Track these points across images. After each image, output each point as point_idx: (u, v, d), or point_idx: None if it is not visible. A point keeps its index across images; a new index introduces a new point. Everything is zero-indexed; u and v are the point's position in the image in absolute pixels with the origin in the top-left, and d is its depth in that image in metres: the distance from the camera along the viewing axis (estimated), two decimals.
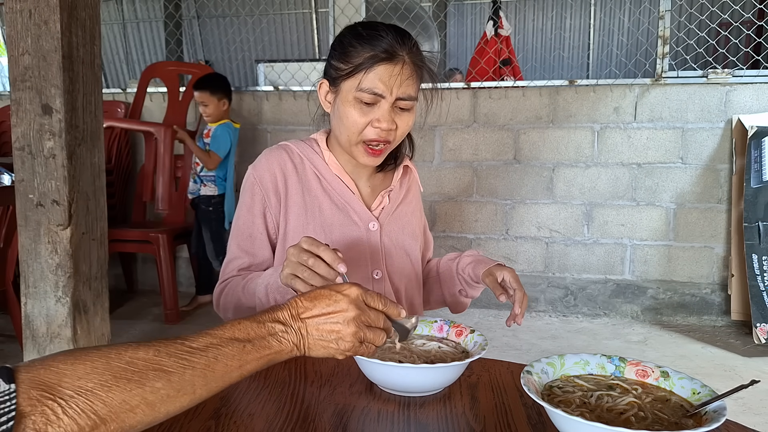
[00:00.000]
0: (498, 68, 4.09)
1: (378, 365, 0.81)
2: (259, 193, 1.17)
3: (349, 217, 1.17)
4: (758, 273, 3.04)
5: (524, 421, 0.77)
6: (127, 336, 3.12)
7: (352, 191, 1.18)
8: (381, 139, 1.08)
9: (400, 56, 1.05)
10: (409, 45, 1.08)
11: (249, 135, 3.85)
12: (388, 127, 1.07)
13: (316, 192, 1.17)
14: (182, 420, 0.76)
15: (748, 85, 3.24)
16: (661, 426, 0.68)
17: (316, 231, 1.14)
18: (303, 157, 1.19)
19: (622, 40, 7.39)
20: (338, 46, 1.11)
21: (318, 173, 1.18)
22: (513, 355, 2.87)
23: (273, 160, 1.18)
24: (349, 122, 1.08)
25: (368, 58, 1.04)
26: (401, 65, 1.05)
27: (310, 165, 1.19)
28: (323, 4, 6.97)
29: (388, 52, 1.04)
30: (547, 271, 3.60)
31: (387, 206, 1.22)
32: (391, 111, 1.07)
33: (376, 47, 1.05)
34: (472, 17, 8.31)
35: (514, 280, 1.08)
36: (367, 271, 1.17)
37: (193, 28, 8.61)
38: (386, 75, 1.04)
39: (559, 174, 3.52)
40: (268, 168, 1.18)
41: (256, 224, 1.16)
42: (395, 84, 1.05)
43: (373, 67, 1.04)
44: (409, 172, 1.30)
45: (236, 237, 1.18)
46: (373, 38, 1.06)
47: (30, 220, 2.02)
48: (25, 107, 1.97)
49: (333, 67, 1.11)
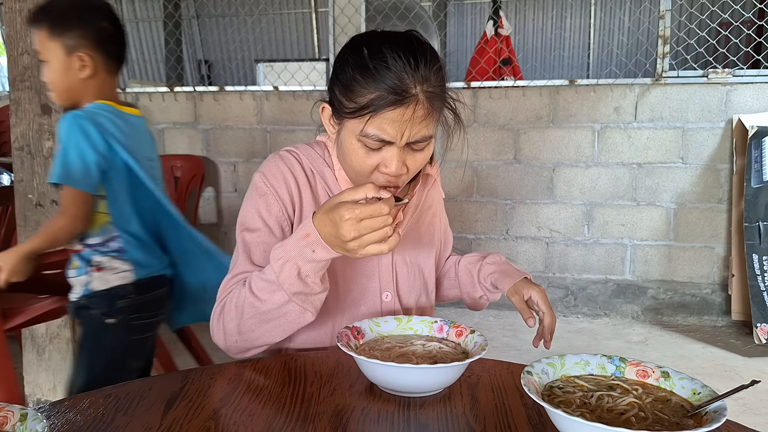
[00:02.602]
0: (498, 68, 4.09)
1: (378, 365, 0.81)
2: (275, 204, 1.03)
3: None
4: (758, 273, 3.03)
5: (524, 422, 0.77)
6: None
7: None
8: (390, 184, 0.97)
9: (412, 95, 0.90)
10: (424, 74, 0.91)
11: (249, 135, 3.86)
12: (397, 173, 0.95)
13: None
14: (182, 420, 0.76)
15: (749, 85, 3.24)
16: (662, 426, 0.68)
17: None
18: (315, 171, 1.08)
19: (622, 40, 7.38)
20: (341, 74, 0.96)
21: (328, 188, 1.08)
22: (513, 356, 2.87)
23: (283, 165, 1.06)
24: (355, 162, 0.97)
25: (374, 99, 0.90)
26: (413, 106, 0.91)
27: (321, 180, 1.08)
28: (323, 4, 6.97)
29: (396, 92, 0.89)
30: (547, 271, 3.60)
31: (401, 222, 1.12)
32: (402, 152, 0.95)
33: (383, 85, 0.90)
34: (472, 17, 8.31)
35: (542, 301, 1.05)
36: (376, 293, 1.11)
37: (192, 27, 8.61)
38: (395, 120, 0.91)
39: (559, 174, 3.52)
40: (281, 175, 1.05)
41: (275, 236, 1.03)
42: (406, 129, 0.92)
43: (380, 112, 0.90)
44: (430, 180, 1.18)
45: (247, 251, 1.02)
46: (380, 72, 0.90)
47: (29, 220, 2.01)
48: (24, 107, 1.97)
49: (336, 98, 0.97)
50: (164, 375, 0.92)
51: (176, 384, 0.87)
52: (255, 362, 0.97)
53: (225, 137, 3.89)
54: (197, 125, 3.92)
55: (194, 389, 0.85)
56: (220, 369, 0.94)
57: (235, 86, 3.84)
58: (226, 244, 3.95)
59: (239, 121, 3.85)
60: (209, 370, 0.94)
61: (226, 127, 3.88)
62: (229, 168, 3.91)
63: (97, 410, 0.79)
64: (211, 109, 3.88)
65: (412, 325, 1.00)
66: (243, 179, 3.88)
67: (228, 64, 7.88)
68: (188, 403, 0.81)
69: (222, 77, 8.51)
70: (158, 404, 0.80)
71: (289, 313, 0.92)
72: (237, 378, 0.90)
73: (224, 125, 3.88)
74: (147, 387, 0.86)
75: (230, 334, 0.97)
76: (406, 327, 1.00)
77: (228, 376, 0.91)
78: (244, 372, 0.93)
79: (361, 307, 1.11)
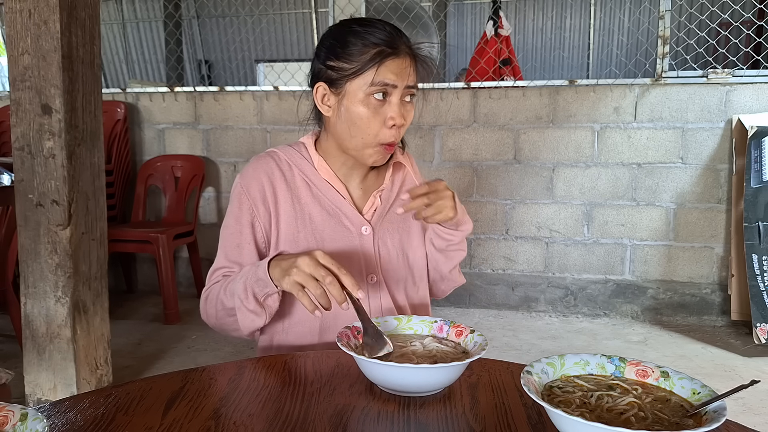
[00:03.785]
0: (498, 68, 4.09)
1: (378, 365, 0.81)
2: (246, 203, 1.14)
3: (340, 223, 1.16)
4: (758, 273, 3.03)
5: (524, 422, 0.77)
6: (127, 336, 3.12)
7: (342, 196, 1.17)
8: (394, 139, 1.09)
9: (403, 49, 1.08)
10: (404, 35, 1.10)
11: (249, 135, 3.86)
12: (401, 122, 1.08)
13: (306, 199, 1.16)
14: (182, 420, 0.76)
15: (748, 85, 3.24)
16: (661, 426, 0.68)
17: (307, 239, 1.14)
18: (291, 164, 1.17)
19: (622, 40, 7.39)
20: (334, 45, 1.09)
21: (307, 179, 1.17)
22: (513, 355, 2.87)
23: (260, 168, 1.16)
24: (363, 123, 1.07)
25: (376, 53, 1.05)
26: (405, 57, 1.07)
27: (298, 171, 1.17)
28: (323, 4, 6.97)
29: (392, 46, 1.06)
30: (547, 271, 3.60)
31: (379, 208, 1.20)
32: (400, 105, 1.08)
33: (379, 41, 1.06)
34: (472, 17, 8.31)
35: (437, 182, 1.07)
36: (361, 276, 1.16)
37: (192, 27, 8.61)
38: (396, 67, 1.06)
39: (559, 174, 3.52)
40: (255, 177, 1.15)
41: (244, 234, 1.14)
42: (405, 74, 1.07)
43: (384, 61, 1.05)
44: (401, 167, 1.27)
45: (224, 247, 1.16)
46: (373, 34, 1.06)
47: (30, 220, 2.02)
48: (24, 107, 1.97)
49: (332, 68, 1.08)
50: (164, 375, 0.92)
51: (176, 384, 0.87)
52: (255, 362, 0.97)
53: (225, 137, 3.89)
54: (197, 125, 3.92)
55: (194, 389, 0.86)
56: (220, 369, 0.94)
57: (236, 86, 3.84)
58: None
59: (239, 121, 3.85)
60: (209, 370, 0.94)
61: (226, 127, 3.88)
62: (229, 168, 3.91)
63: (97, 410, 0.79)
64: (211, 109, 3.89)
65: (412, 325, 1.00)
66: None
67: (228, 64, 7.88)
68: (188, 403, 0.81)
69: (222, 77, 8.52)
70: (158, 404, 0.80)
71: (241, 313, 1.07)
72: (237, 378, 0.91)
73: (224, 125, 3.88)
74: (147, 387, 0.86)
75: (211, 318, 1.15)
76: (406, 327, 1.00)
77: (228, 376, 0.91)
78: (244, 372, 0.93)
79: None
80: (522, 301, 3.65)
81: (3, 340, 3.06)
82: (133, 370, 2.70)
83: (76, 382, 2.07)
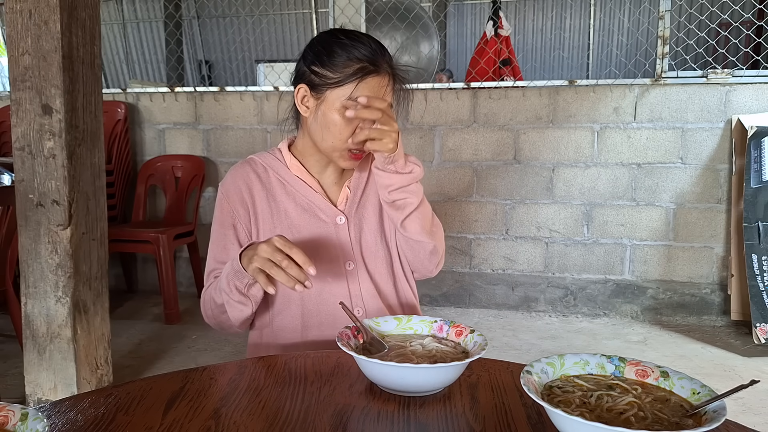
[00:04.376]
0: (498, 68, 4.10)
1: (378, 365, 0.81)
2: (226, 207, 1.23)
3: (315, 216, 1.22)
4: (758, 273, 3.04)
5: (524, 421, 0.77)
6: (127, 336, 3.13)
7: (315, 190, 1.23)
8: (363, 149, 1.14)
9: (384, 68, 1.13)
10: (387, 54, 1.16)
11: (249, 135, 3.86)
12: None
13: (281, 197, 1.23)
14: (182, 420, 0.76)
15: (748, 85, 3.24)
16: (661, 426, 0.68)
17: (284, 234, 1.17)
18: (266, 166, 1.25)
19: (621, 40, 7.39)
20: (321, 52, 1.15)
21: (281, 178, 1.24)
22: (513, 355, 2.87)
23: (237, 174, 1.25)
24: (336, 129, 1.13)
25: (359, 69, 1.11)
26: (385, 76, 1.13)
27: (273, 172, 1.24)
28: (323, 4, 6.97)
29: (374, 64, 1.12)
30: (547, 271, 3.61)
31: (350, 196, 1.25)
32: None
33: (364, 58, 1.12)
34: (472, 17, 8.32)
35: None
36: (339, 264, 1.21)
37: (193, 28, 8.61)
38: (376, 85, 1.12)
39: (559, 174, 3.52)
40: (233, 182, 1.24)
41: (228, 236, 1.22)
42: (381, 92, 1.12)
43: (365, 78, 1.11)
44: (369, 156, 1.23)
45: (212, 250, 1.24)
46: (358, 49, 1.12)
47: (30, 220, 2.02)
48: (25, 107, 1.97)
49: (316, 74, 1.14)
50: (165, 375, 0.92)
51: (176, 384, 0.87)
52: (255, 362, 0.97)
53: (225, 137, 3.89)
54: (198, 125, 3.92)
55: (194, 389, 0.86)
56: (220, 369, 0.94)
57: (236, 86, 3.84)
58: None
59: (240, 121, 3.85)
60: (209, 370, 0.94)
61: (226, 127, 3.88)
62: (229, 168, 3.91)
63: (97, 410, 0.79)
64: (211, 110, 3.89)
65: (412, 324, 1.01)
66: None
67: (228, 65, 7.89)
68: (188, 403, 0.81)
69: (222, 77, 8.52)
70: (158, 404, 0.81)
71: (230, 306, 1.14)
72: (237, 378, 0.91)
73: (225, 125, 3.88)
74: (147, 387, 0.87)
75: (210, 318, 1.23)
76: (406, 327, 1.00)
77: (228, 376, 0.92)
78: (244, 372, 0.93)
79: (326, 277, 1.19)
80: (522, 301, 3.65)
81: (3, 340, 3.06)
82: (133, 370, 2.71)
83: (76, 382, 2.07)
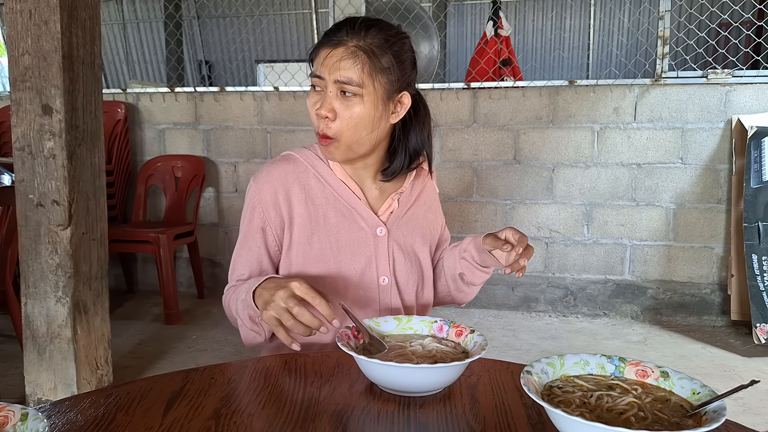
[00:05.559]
0: (498, 68, 4.09)
1: (378, 365, 0.81)
2: (258, 208, 1.15)
3: (355, 223, 1.16)
4: (758, 273, 3.04)
5: (524, 422, 0.77)
6: (127, 336, 3.13)
7: (357, 196, 1.17)
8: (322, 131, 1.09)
9: (344, 41, 1.06)
10: (362, 32, 1.06)
11: (249, 135, 3.86)
12: (324, 114, 1.07)
13: (320, 201, 1.16)
14: (182, 420, 0.76)
15: (748, 86, 3.24)
16: (661, 426, 0.68)
17: (321, 240, 1.14)
18: (307, 164, 1.18)
19: (621, 41, 7.39)
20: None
21: (322, 179, 1.17)
22: (513, 355, 2.87)
23: (274, 173, 1.16)
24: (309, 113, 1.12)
25: (317, 45, 1.09)
26: (342, 48, 1.05)
27: (314, 172, 1.17)
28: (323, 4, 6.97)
29: (330, 38, 1.07)
30: (547, 271, 3.61)
31: (396, 210, 1.20)
32: (335, 98, 1.07)
33: (326, 35, 1.09)
34: (472, 17, 8.32)
35: (515, 233, 1.05)
36: (373, 277, 1.17)
37: (193, 28, 8.62)
38: (328, 59, 1.06)
39: (559, 174, 3.52)
40: (268, 181, 1.16)
41: (255, 239, 1.16)
42: (332, 65, 1.05)
43: (318, 51, 1.08)
44: (423, 172, 1.26)
45: (238, 249, 1.19)
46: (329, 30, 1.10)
47: (30, 220, 2.02)
48: (25, 107, 1.97)
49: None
50: (165, 375, 0.92)
51: (176, 384, 0.87)
52: (255, 362, 0.97)
53: (225, 137, 3.89)
54: (198, 125, 3.92)
55: (194, 389, 0.86)
56: (220, 369, 0.94)
57: (236, 87, 3.84)
58: (226, 244, 3.95)
59: (240, 121, 3.85)
60: (209, 370, 0.94)
61: (226, 127, 3.88)
62: (229, 168, 3.92)
63: (97, 410, 0.79)
64: (211, 110, 3.89)
65: (412, 324, 1.00)
66: (243, 179, 3.89)
67: (228, 65, 7.89)
68: (188, 403, 0.81)
69: (222, 78, 8.52)
70: (159, 404, 0.80)
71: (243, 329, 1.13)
72: (237, 378, 0.91)
73: (225, 126, 3.88)
74: (147, 387, 0.87)
75: (230, 318, 1.18)
76: (406, 327, 1.00)
77: (228, 376, 0.92)
78: (244, 372, 0.93)
79: (359, 290, 1.16)
80: (522, 301, 3.65)
81: (3, 340, 3.06)
82: (133, 370, 2.71)
83: (76, 382, 2.07)
